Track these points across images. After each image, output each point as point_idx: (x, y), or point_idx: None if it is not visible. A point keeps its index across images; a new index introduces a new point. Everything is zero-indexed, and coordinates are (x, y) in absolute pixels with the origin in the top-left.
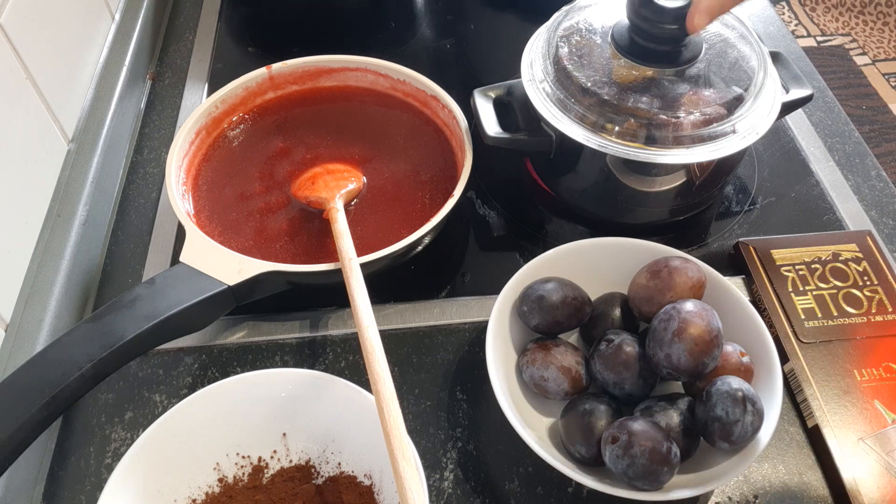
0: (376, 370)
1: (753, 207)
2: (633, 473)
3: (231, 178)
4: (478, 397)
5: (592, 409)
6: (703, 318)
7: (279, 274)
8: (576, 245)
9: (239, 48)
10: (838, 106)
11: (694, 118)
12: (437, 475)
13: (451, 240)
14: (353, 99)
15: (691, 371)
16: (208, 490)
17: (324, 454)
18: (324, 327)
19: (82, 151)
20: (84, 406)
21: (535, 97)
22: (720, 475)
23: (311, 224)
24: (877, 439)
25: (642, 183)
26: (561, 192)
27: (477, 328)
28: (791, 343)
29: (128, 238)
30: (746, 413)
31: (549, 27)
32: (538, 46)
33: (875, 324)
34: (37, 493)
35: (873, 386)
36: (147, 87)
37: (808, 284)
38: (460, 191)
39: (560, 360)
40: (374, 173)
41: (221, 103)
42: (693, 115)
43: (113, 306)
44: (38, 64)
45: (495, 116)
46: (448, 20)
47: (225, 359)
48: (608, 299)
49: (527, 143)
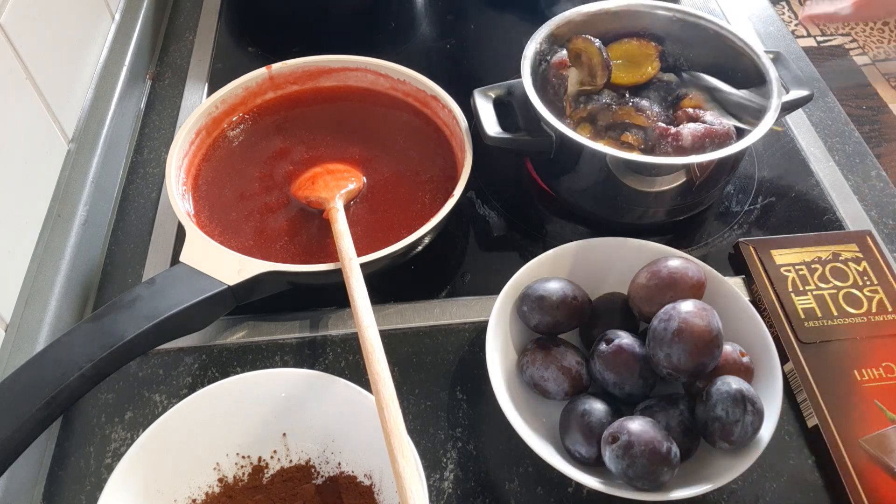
0: (376, 370)
1: (753, 207)
2: (633, 473)
3: (231, 178)
4: (478, 397)
5: (592, 409)
6: (703, 318)
7: (279, 274)
8: (576, 245)
9: (239, 48)
10: (838, 106)
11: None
12: (437, 475)
13: (451, 240)
14: (353, 99)
15: (691, 371)
16: (208, 490)
17: (324, 454)
18: (324, 327)
19: (82, 151)
20: (84, 406)
21: (535, 97)
22: (720, 475)
23: (311, 224)
24: (877, 439)
25: (642, 183)
26: (561, 192)
27: (477, 328)
28: (791, 343)
29: (128, 238)
30: (746, 413)
31: (549, 26)
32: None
33: (875, 324)
34: (37, 493)
35: (873, 386)
36: (147, 87)
37: (808, 284)
38: (460, 191)
39: (560, 360)
40: (374, 173)
41: (221, 103)
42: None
43: (113, 306)
44: (38, 64)
45: (495, 116)
46: (448, 20)
47: (225, 359)
48: (608, 299)
49: (527, 144)
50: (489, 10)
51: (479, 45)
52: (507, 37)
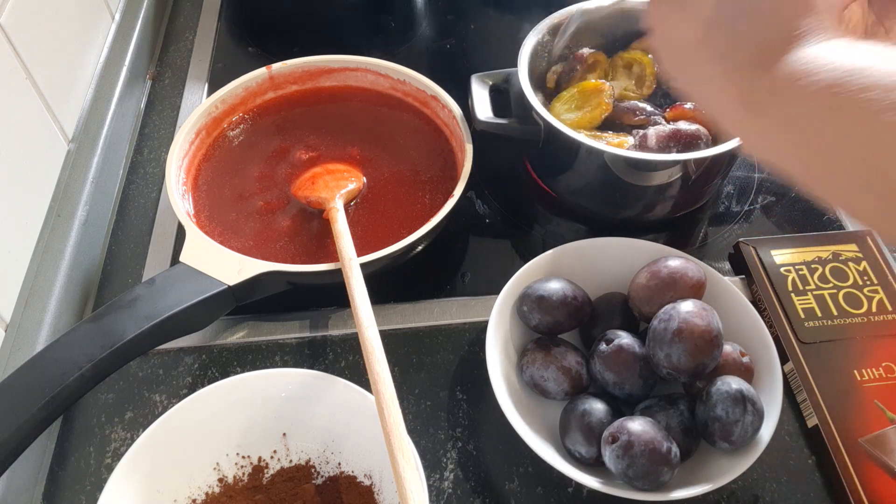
0: (376, 370)
1: (753, 207)
2: (633, 473)
3: (231, 178)
4: (478, 397)
5: (592, 409)
6: (703, 318)
7: (279, 274)
8: (576, 245)
9: (239, 48)
10: None
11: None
12: (437, 475)
13: (451, 240)
14: (353, 99)
15: (691, 371)
16: (208, 490)
17: (324, 454)
18: (324, 327)
19: (82, 151)
20: (84, 406)
21: (527, 86)
22: (720, 475)
23: (311, 224)
24: (877, 439)
25: (640, 178)
26: (560, 191)
27: (477, 328)
28: (791, 343)
29: (128, 238)
30: (746, 413)
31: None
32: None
33: (875, 324)
34: (37, 493)
35: (873, 386)
36: (147, 87)
37: (808, 284)
38: (460, 191)
39: (560, 360)
40: (374, 173)
41: (221, 103)
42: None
43: (113, 306)
44: (38, 64)
45: (489, 103)
46: (448, 20)
47: (225, 359)
48: (608, 299)
49: (516, 131)
50: (489, 9)
51: (479, 46)
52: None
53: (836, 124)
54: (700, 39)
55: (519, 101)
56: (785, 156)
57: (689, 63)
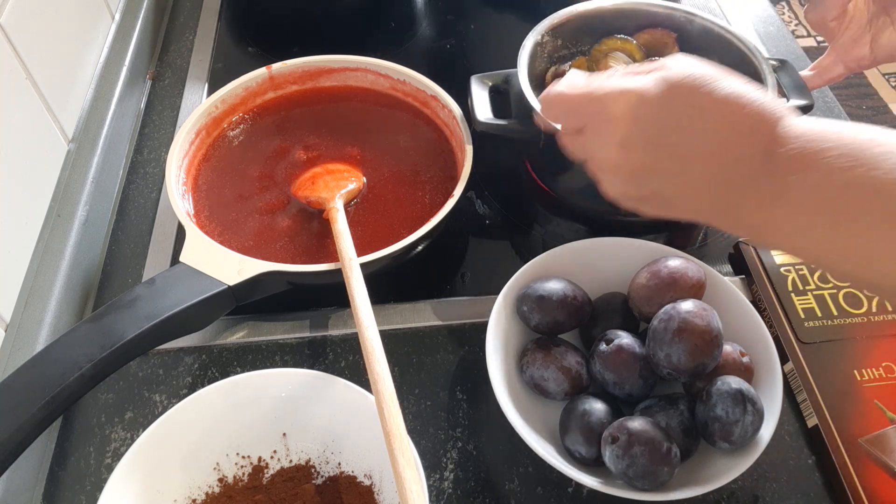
0: (376, 370)
1: None
2: (633, 473)
3: (231, 178)
4: (478, 397)
5: (592, 409)
6: (703, 318)
7: (279, 274)
8: (576, 245)
9: (239, 48)
10: (838, 106)
11: None
12: (437, 475)
13: (451, 240)
14: (353, 99)
15: (691, 371)
16: (208, 490)
17: (324, 454)
18: (324, 327)
19: (82, 151)
20: (84, 406)
21: (527, 87)
22: (720, 475)
23: (311, 224)
24: (877, 439)
25: None
26: (560, 191)
27: (477, 328)
28: (791, 343)
29: (128, 238)
30: (746, 413)
31: (552, 19)
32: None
33: (875, 324)
34: (37, 493)
35: (873, 386)
36: (147, 87)
37: (808, 284)
38: (460, 191)
39: (560, 360)
40: (374, 173)
41: (221, 103)
42: None
43: (113, 306)
44: (38, 64)
45: (489, 103)
46: (448, 20)
47: (225, 359)
48: (608, 299)
49: (516, 132)
50: (489, 9)
51: (479, 46)
52: (507, 37)
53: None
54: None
55: (519, 102)
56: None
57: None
